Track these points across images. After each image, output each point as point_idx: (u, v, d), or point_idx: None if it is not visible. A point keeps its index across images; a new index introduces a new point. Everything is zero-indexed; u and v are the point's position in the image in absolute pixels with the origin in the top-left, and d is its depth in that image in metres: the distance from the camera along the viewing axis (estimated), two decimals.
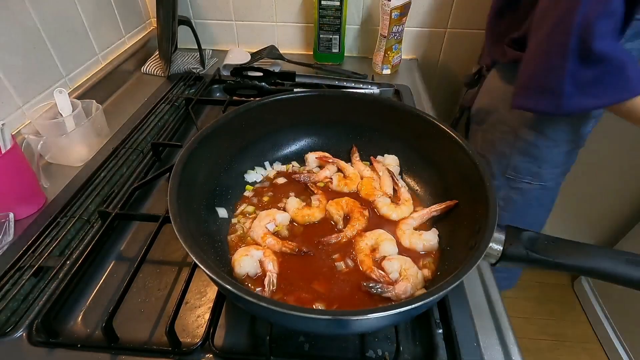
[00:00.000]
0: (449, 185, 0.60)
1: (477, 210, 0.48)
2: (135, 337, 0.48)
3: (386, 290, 0.48)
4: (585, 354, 1.57)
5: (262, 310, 0.40)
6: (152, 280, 0.55)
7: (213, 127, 0.58)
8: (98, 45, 0.98)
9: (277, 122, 0.68)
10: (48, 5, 0.81)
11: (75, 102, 0.76)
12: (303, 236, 0.57)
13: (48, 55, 0.82)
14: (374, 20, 1.15)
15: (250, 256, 0.51)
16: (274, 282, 0.49)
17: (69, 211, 0.63)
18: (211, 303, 0.50)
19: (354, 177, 0.66)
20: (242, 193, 0.64)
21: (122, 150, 0.76)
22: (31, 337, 0.47)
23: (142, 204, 0.68)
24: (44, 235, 0.58)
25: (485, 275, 0.58)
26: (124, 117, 0.89)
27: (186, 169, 0.51)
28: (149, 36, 1.18)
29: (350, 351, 0.47)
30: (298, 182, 0.66)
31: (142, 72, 1.10)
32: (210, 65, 1.15)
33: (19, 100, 0.76)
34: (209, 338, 0.46)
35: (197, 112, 0.94)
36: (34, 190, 0.65)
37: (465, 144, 0.55)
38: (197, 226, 0.52)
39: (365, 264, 0.52)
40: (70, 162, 0.75)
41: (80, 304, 0.52)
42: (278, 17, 1.17)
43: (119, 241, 0.61)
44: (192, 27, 1.06)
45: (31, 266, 0.53)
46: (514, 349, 0.49)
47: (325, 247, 0.55)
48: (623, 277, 0.39)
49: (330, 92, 0.76)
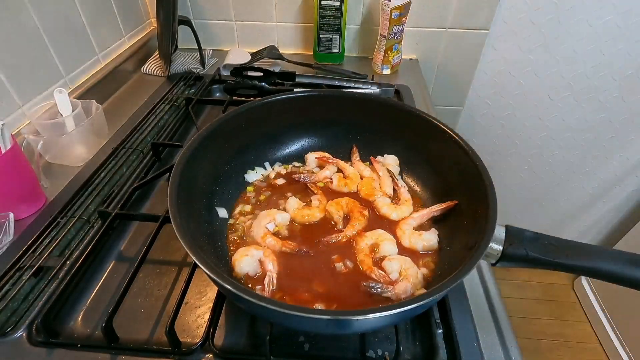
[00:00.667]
0: (449, 185, 0.60)
1: (477, 210, 0.48)
2: (136, 337, 0.48)
3: (386, 290, 0.48)
4: (585, 353, 1.57)
5: (262, 310, 0.40)
6: (152, 280, 0.55)
7: (213, 127, 0.58)
8: (98, 45, 0.98)
9: (277, 122, 0.68)
10: (48, 5, 0.81)
11: (75, 102, 0.76)
12: (303, 236, 0.57)
13: (48, 55, 0.82)
14: (374, 20, 1.15)
15: (251, 256, 0.51)
16: (274, 282, 0.49)
17: (69, 211, 0.63)
18: (211, 303, 0.50)
19: (354, 177, 0.66)
20: (242, 193, 0.64)
21: (122, 150, 0.76)
22: (31, 337, 0.47)
23: (142, 204, 0.68)
24: (44, 235, 0.58)
25: (485, 276, 0.58)
26: (124, 117, 0.89)
27: (186, 169, 0.51)
28: (149, 36, 1.18)
29: (350, 351, 0.47)
30: (298, 182, 0.66)
31: (142, 72, 1.10)
32: (210, 65, 1.15)
33: (19, 100, 0.76)
34: (209, 338, 0.46)
35: (197, 112, 0.94)
36: (34, 190, 0.65)
37: (465, 144, 0.55)
38: (197, 226, 0.52)
39: (365, 263, 0.52)
40: (70, 162, 0.75)
41: (80, 304, 0.52)
42: (278, 17, 1.17)
43: (119, 241, 0.61)
44: (192, 27, 1.06)
45: (31, 266, 0.53)
46: (514, 348, 0.49)
47: (325, 247, 0.55)
48: (624, 277, 0.39)
49: (331, 92, 0.76)
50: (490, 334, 0.50)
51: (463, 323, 0.50)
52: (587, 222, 1.74)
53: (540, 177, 1.60)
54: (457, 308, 0.51)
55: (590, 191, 1.61)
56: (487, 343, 0.49)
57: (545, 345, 1.59)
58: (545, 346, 1.59)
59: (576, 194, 1.63)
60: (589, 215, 1.71)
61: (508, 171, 1.60)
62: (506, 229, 0.43)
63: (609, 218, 1.71)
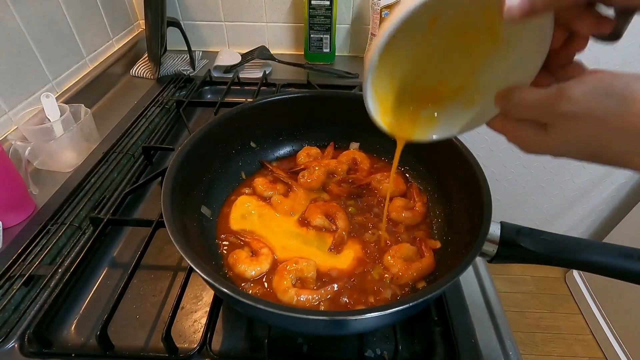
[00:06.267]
0: (442, 182, 0.60)
1: (472, 207, 0.48)
2: (131, 344, 0.47)
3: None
4: (579, 345, 1.60)
5: (259, 313, 0.39)
6: (147, 286, 0.54)
7: (206, 129, 0.58)
8: (85, 48, 0.96)
9: (270, 124, 0.68)
10: (33, 8, 0.79)
11: (63, 106, 0.75)
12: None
13: (34, 59, 0.80)
14: (364, 20, 1.15)
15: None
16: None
17: (59, 218, 0.62)
18: (208, 307, 0.50)
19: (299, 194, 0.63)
20: (236, 195, 0.64)
21: (113, 154, 0.75)
22: (23, 348, 0.46)
23: (135, 209, 0.67)
24: (34, 243, 0.57)
25: (481, 273, 0.58)
26: (114, 121, 0.87)
27: (179, 173, 0.51)
28: (137, 38, 1.17)
29: (348, 351, 0.47)
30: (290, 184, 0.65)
31: (131, 75, 1.08)
32: (200, 67, 1.14)
33: (5, 105, 0.74)
34: (207, 343, 0.46)
35: (189, 114, 0.93)
36: (23, 197, 0.64)
37: (460, 145, 0.55)
38: (191, 230, 0.51)
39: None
40: (59, 167, 0.73)
41: (73, 313, 0.51)
42: (268, 17, 1.16)
43: (111, 247, 0.60)
44: (181, 29, 1.05)
45: (22, 275, 0.52)
46: (510, 342, 0.49)
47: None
48: (617, 270, 0.39)
49: (323, 92, 0.76)
50: (487, 330, 0.51)
51: (460, 320, 0.50)
52: (577, 215, 1.77)
53: (530, 172, 1.62)
54: (454, 305, 0.51)
55: (581, 185, 1.63)
56: (483, 338, 0.49)
57: (540, 338, 1.61)
58: (539, 339, 1.61)
59: (567, 188, 1.66)
60: (580, 209, 1.74)
61: (499, 166, 1.61)
62: (501, 226, 0.44)
63: (598, 211, 1.74)
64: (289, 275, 0.49)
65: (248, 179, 0.66)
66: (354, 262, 0.54)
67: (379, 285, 0.51)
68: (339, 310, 0.47)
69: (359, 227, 0.59)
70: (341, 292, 0.49)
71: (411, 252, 0.53)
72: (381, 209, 0.61)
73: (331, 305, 0.48)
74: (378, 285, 0.50)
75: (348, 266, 0.53)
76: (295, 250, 0.55)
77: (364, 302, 0.48)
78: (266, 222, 0.59)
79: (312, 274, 0.50)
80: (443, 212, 0.59)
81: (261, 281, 0.51)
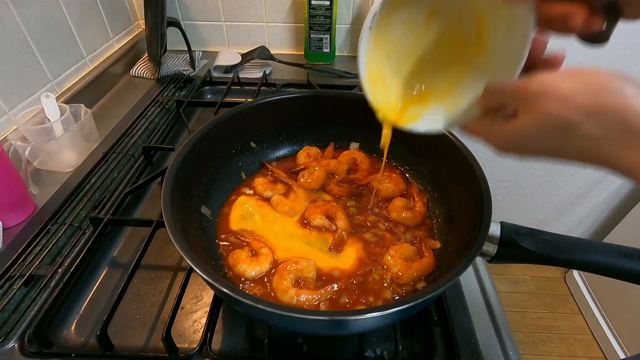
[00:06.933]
0: (445, 183, 0.60)
1: (473, 209, 0.48)
2: (131, 344, 0.47)
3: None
4: (579, 344, 1.60)
5: (259, 313, 0.39)
6: (147, 286, 0.54)
7: (206, 129, 0.58)
8: (85, 48, 0.96)
9: (270, 124, 0.68)
10: (33, 9, 0.79)
11: (63, 106, 0.75)
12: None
13: (34, 59, 0.80)
14: (364, 19, 1.15)
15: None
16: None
17: (59, 218, 0.62)
18: (207, 307, 0.50)
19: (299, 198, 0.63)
20: (236, 195, 0.64)
21: (113, 154, 0.75)
22: (23, 348, 0.46)
23: (135, 209, 0.67)
24: (34, 243, 0.57)
25: (481, 273, 0.58)
26: (114, 121, 0.87)
27: (179, 173, 0.51)
28: (137, 38, 1.17)
29: (349, 351, 0.47)
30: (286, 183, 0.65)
31: (131, 75, 1.08)
32: (200, 67, 1.14)
33: (5, 105, 0.74)
34: (207, 343, 0.46)
35: (189, 114, 0.93)
36: (23, 197, 0.64)
37: (461, 145, 0.55)
38: (192, 230, 0.51)
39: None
40: (59, 167, 0.73)
41: (73, 313, 0.51)
42: (268, 17, 1.16)
43: (111, 247, 0.60)
44: (181, 29, 1.05)
45: (22, 275, 0.52)
46: (510, 342, 0.49)
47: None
48: (617, 270, 0.39)
49: (323, 92, 0.76)
50: (487, 330, 0.51)
51: (460, 320, 0.50)
52: (577, 215, 1.77)
53: (530, 172, 1.62)
54: (454, 305, 0.51)
55: (581, 185, 1.63)
56: (483, 338, 0.49)
57: (540, 338, 1.61)
58: (539, 339, 1.61)
59: (567, 188, 1.66)
60: (580, 209, 1.74)
61: (499, 166, 1.61)
62: (501, 226, 0.44)
63: (598, 211, 1.74)
64: (289, 275, 0.49)
65: (248, 179, 0.66)
66: (355, 262, 0.54)
67: (379, 285, 0.51)
68: (338, 310, 0.47)
69: (359, 227, 0.59)
70: (341, 292, 0.49)
71: (411, 252, 0.53)
72: (382, 209, 0.61)
73: (331, 305, 0.48)
74: (378, 285, 0.51)
75: (350, 266, 0.53)
76: (298, 251, 0.55)
77: (364, 302, 0.48)
78: (266, 222, 0.59)
79: (312, 274, 0.50)
80: (443, 212, 0.59)
81: (261, 281, 0.51)
